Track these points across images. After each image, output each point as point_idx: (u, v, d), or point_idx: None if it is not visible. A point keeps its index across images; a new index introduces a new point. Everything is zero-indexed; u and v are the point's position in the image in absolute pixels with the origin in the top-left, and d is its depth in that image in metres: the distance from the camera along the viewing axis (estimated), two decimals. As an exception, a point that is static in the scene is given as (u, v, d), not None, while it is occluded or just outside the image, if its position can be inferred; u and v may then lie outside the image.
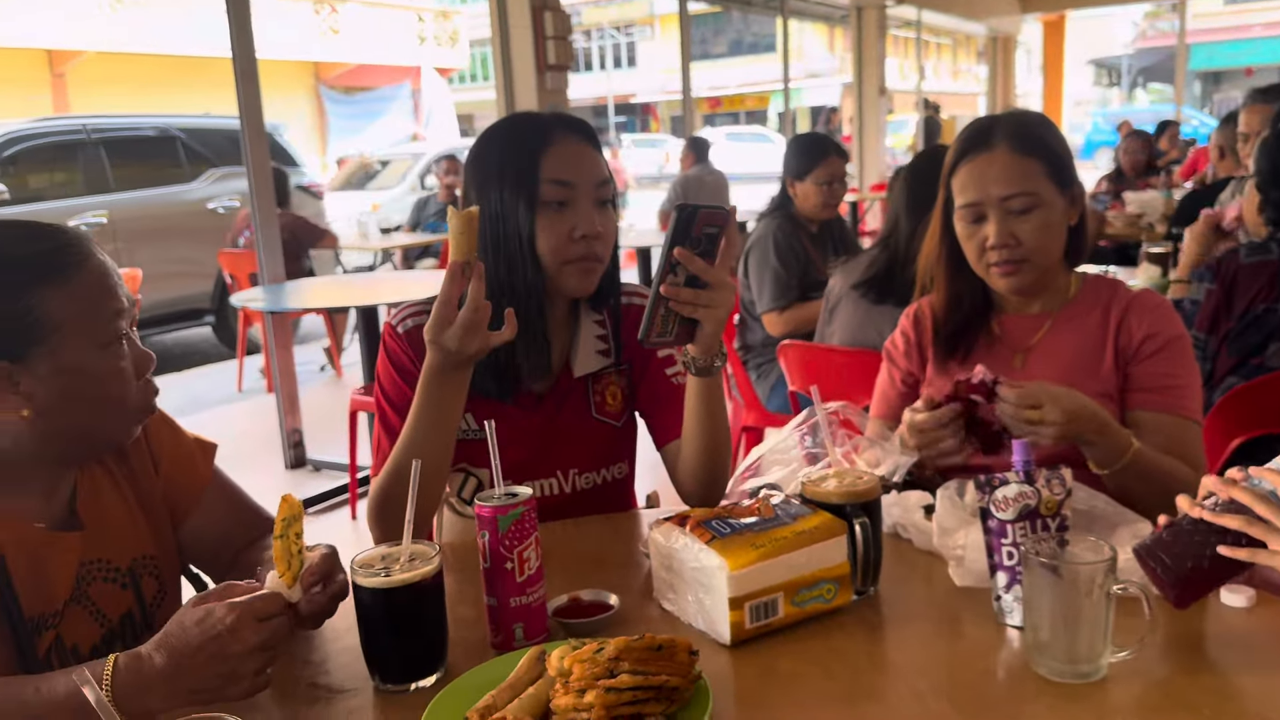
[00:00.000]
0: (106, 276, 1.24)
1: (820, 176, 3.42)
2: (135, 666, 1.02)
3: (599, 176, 1.54)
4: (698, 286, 1.35)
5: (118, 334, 1.23)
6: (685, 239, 1.32)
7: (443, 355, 1.36)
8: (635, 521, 1.61)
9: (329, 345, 6.77)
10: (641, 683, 0.95)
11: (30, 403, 1.19)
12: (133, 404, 1.27)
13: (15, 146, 7.16)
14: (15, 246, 1.21)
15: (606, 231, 1.54)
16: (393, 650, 1.13)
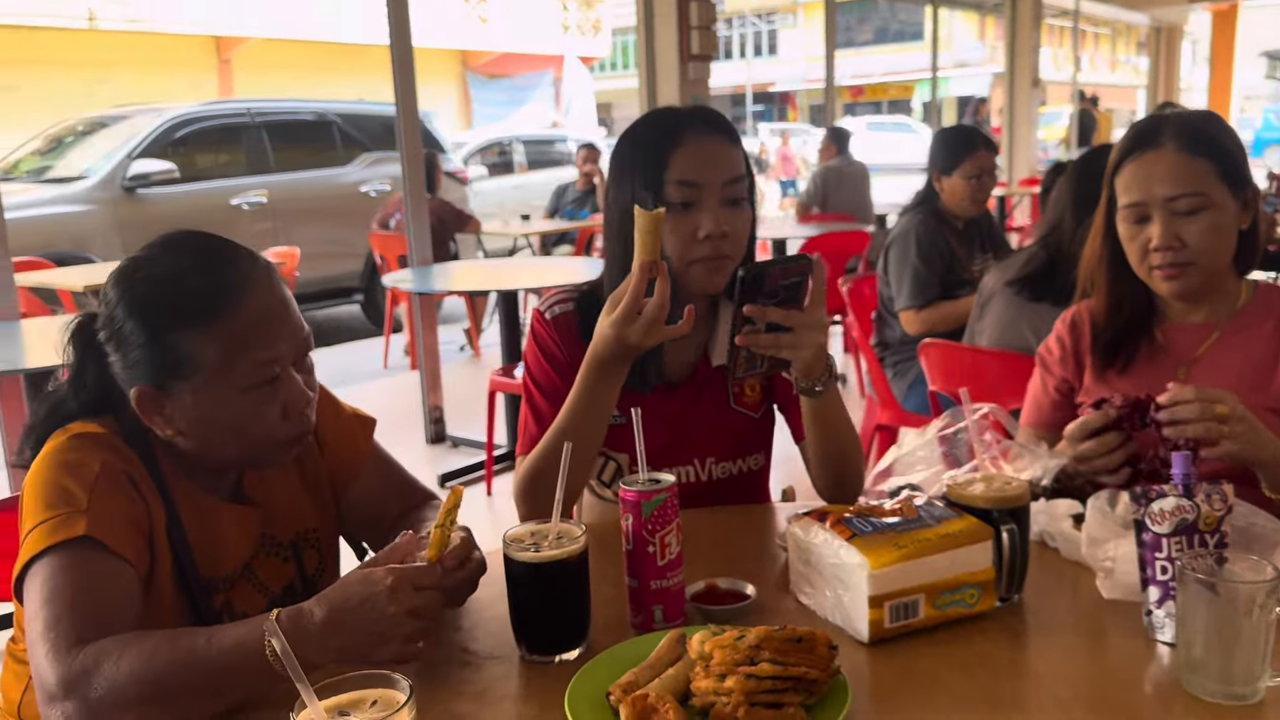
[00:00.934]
0: (261, 323, 1.24)
1: (968, 170, 3.33)
2: (296, 619, 1.08)
3: (729, 174, 1.53)
4: (782, 329, 1.36)
5: (263, 379, 1.24)
6: (757, 295, 1.34)
7: (620, 347, 1.39)
8: (770, 514, 1.62)
9: (469, 326, 6.98)
10: (781, 672, 0.97)
11: (174, 425, 1.26)
12: (279, 439, 1.29)
13: (185, 128, 7.63)
14: (178, 281, 1.24)
15: (735, 230, 1.53)
16: (540, 623, 1.18)
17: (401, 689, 0.86)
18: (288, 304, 1.28)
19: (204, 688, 1.07)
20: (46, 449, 1.25)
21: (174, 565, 1.28)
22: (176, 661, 1.06)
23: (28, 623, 1.14)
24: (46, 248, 6.14)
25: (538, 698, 1.10)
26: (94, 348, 1.29)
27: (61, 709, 1.07)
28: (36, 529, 1.17)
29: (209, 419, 1.25)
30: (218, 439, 1.27)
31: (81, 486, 1.20)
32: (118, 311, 1.25)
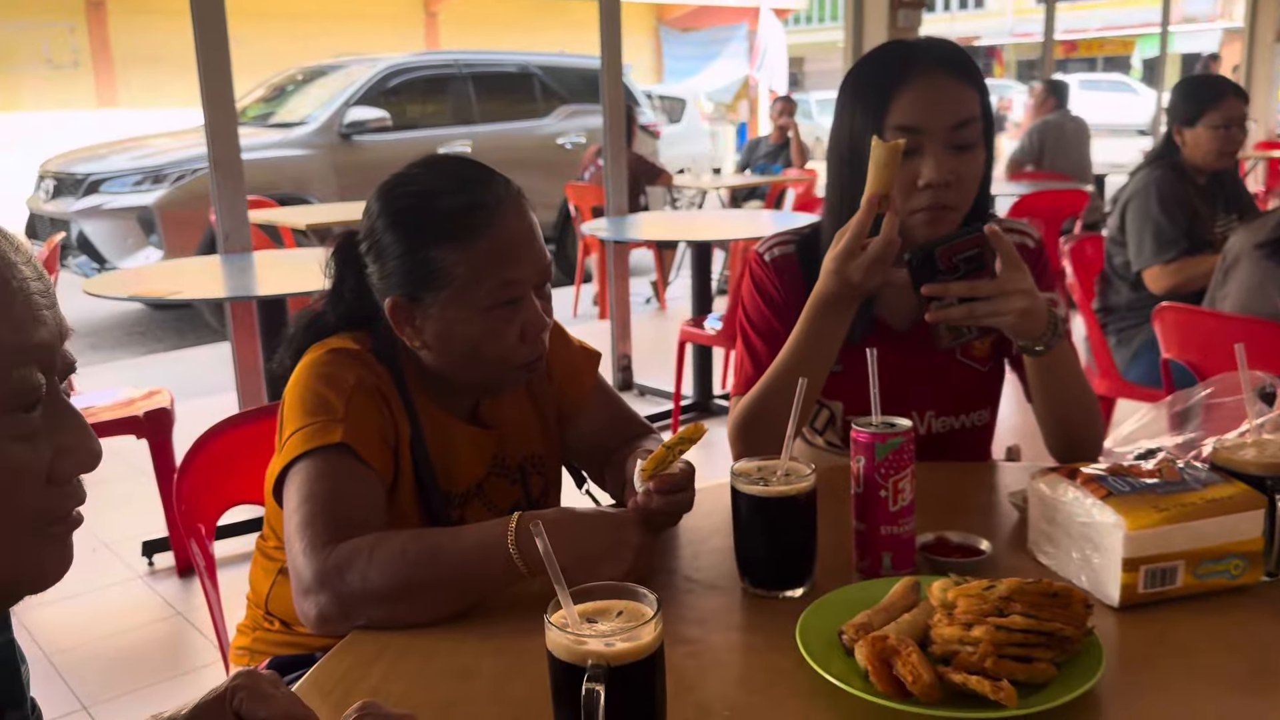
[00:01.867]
0: (510, 245, 1.28)
1: (1215, 120, 3.05)
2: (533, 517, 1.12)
3: (958, 117, 1.43)
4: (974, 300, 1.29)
5: (505, 299, 1.28)
6: (933, 275, 1.27)
7: (840, 286, 1.35)
8: (997, 472, 1.55)
9: (655, 279, 7.03)
10: (1035, 626, 0.92)
11: (421, 337, 1.32)
12: (514, 361, 1.32)
13: (397, 78, 7.97)
14: (438, 198, 1.29)
15: (961, 177, 1.43)
16: (765, 557, 1.17)
17: (649, 604, 0.86)
18: (535, 230, 1.32)
19: (447, 584, 1.13)
20: (306, 360, 1.33)
21: (415, 479, 1.34)
22: (423, 558, 1.13)
23: (285, 520, 1.22)
24: (270, 189, 6.57)
25: (763, 629, 1.10)
26: (354, 261, 1.36)
27: (315, 601, 1.14)
28: (297, 434, 1.25)
29: (452, 334, 1.30)
30: (458, 355, 1.32)
31: (339, 397, 1.27)
32: (379, 224, 1.31)
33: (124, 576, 3.18)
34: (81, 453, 0.70)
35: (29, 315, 0.67)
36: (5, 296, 0.66)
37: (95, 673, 2.65)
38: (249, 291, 3.38)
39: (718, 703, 0.96)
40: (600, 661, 0.81)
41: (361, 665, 1.06)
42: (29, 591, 0.71)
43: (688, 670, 1.02)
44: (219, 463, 1.67)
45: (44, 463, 0.68)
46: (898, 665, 0.91)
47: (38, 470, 0.68)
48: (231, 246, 3.76)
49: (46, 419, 0.69)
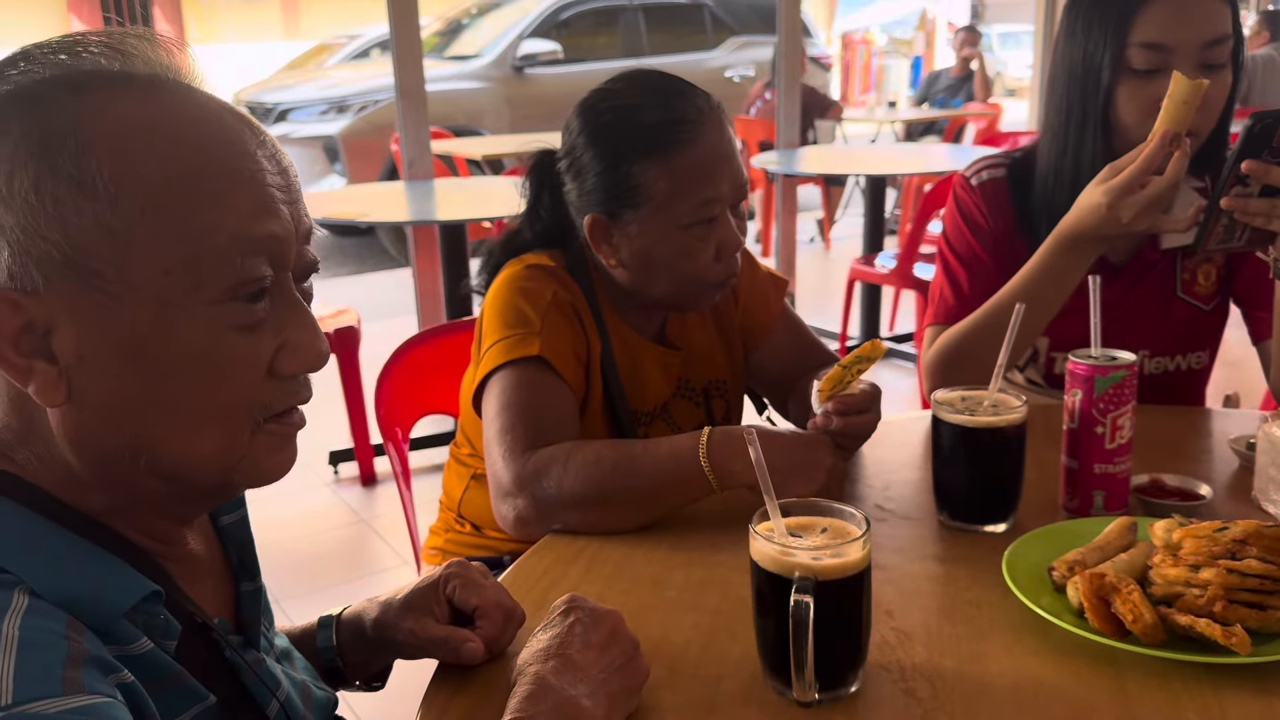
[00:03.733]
0: (711, 161, 1.26)
1: None
2: (726, 437, 1.14)
3: (1209, 34, 1.32)
4: (1277, 195, 1.17)
5: (703, 218, 1.27)
6: (1262, 150, 1.15)
7: (1105, 222, 1.26)
8: (1214, 418, 1.45)
9: (821, 217, 6.89)
10: (1272, 572, 0.86)
11: (617, 255, 1.32)
12: (709, 279, 1.31)
13: (569, 10, 7.98)
14: (640, 112, 1.28)
15: (1210, 100, 1.31)
16: (968, 490, 1.13)
17: (857, 523, 0.85)
18: (734, 146, 1.30)
19: (640, 493, 1.14)
20: (504, 274, 1.36)
21: (605, 396, 1.36)
22: (618, 467, 1.14)
23: (486, 425, 1.26)
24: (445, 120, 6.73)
25: (964, 561, 1.07)
26: (551, 179, 1.37)
27: (513, 504, 1.18)
28: (496, 345, 1.28)
29: (649, 251, 1.30)
30: (654, 272, 1.32)
31: (536, 311, 1.29)
32: (579, 140, 1.31)
33: (312, 484, 3.39)
34: (307, 351, 0.70)
35: (261, 206, 0.67)
36: (236, 185, 0.66)
37: (286, 570, 2.84)
38: (431, 216, 3.49)
39: (920, 629, 0.95)
40: (808, 575, 0.80)
41: (559, 566, 1.10)
42: (245, 486, 0.73)
43: (886, 595, 1.00)
44: (413, 374, 1.74)
45: (265, 355, 0.69)
46: (1116, 603, 0.87)
47: (257, 362, 0.68)
48: (415, 173, 3.89)
49: (274, 313, 0.69)
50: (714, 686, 0.88)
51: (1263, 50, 6.23)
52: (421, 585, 0.96)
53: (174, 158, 0.65)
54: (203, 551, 0.79)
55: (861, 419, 1.23)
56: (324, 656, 0.97)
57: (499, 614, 0.92)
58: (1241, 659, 0.83)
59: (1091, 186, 1.27)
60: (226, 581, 0.81)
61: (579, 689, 0.77)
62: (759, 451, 0.87)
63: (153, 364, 0.65)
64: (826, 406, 1.19)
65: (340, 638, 0.97)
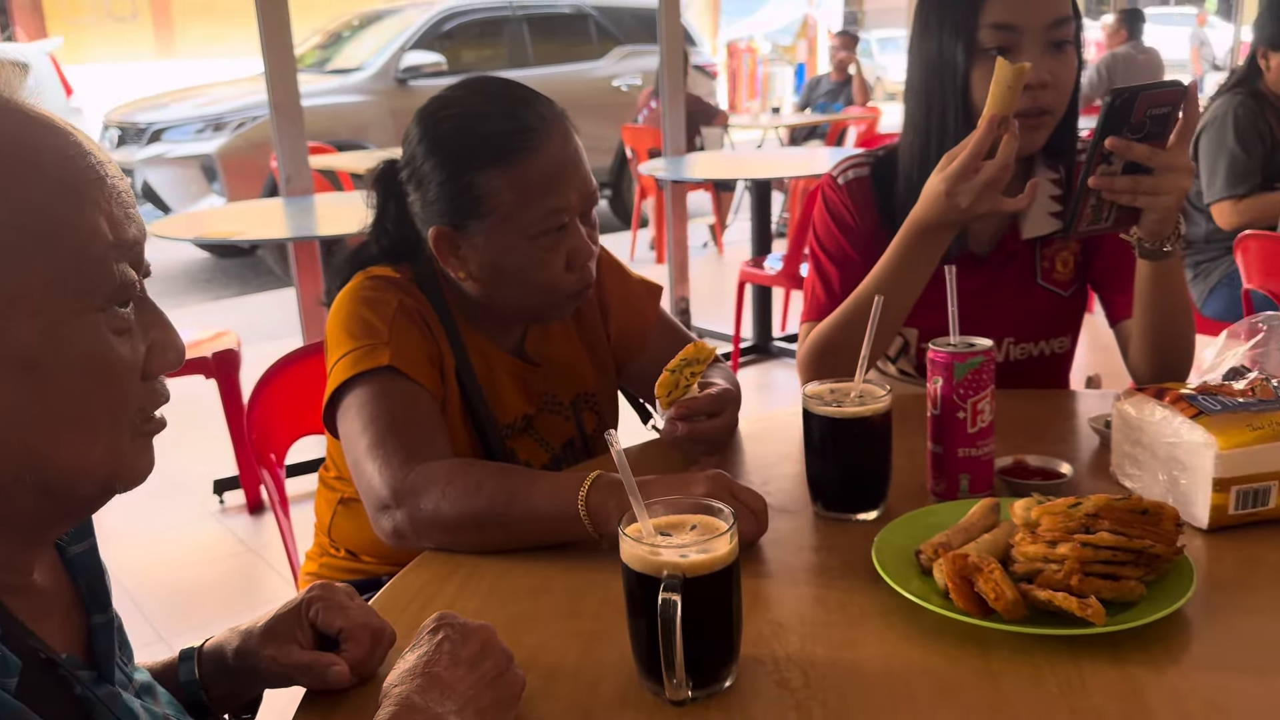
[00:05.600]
0: (556, 169, 1.23)
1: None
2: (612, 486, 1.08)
3: (1055, 14, 1.37)
4: (1140, 172, 1.21)
5: (552, 227, 1.24)
6: (1123, 126, 1.19)
7: (946, 210, 1.28)
8: (1076, 399, 1.51)
9: (713, 222, 6.96)
10: (1123, 543, 0.89)
11: (466, 268, 1.29)
12: (561, 290, 1.29)
13: (452, 22, 7.91)
14: (481, 121, 1.25)
15: (1058, 79, 1.37)
16: (839, 480, 1.15)
17: (724, 518, 0.85)
18: (580, 154, 1.28)
19: (515, 528, 1.10)
20: (348, 287, 1.32)
21: (464, 406, 1.33)
22: (497, 500, 1.10)
23: (350, 444, 1.22)
24: (328, 135, 6.59)
25: (839, 550, 1.08)
26: (395, 189, 1.34)
27: (391, 517, 1.14)
28: (344, 359, 1.24)
29: (498, 263, 1.27)
30: (505, 284, 1.29)
31: (382, 320, 1.26)
32: (419, 150, 1.28)
33: (196, 514, 3.26)
34: (169, 348, 0.72)
35: (123, 211, 0.69)
36: (106, 194, 0.67)
37: (171, 606, 2.73)
38: (311, 232, 3.40)
39: (794, 620, 0.95)
40: (676, 572, 0.80)
41: (436, 582, 1.07)
42: (123, 488, 0.72)
43: (763, 589, 1.01)
44: (287, 394, 1.69)
45: (139, 358, 0.70)
46: (979, 582, 0.89)
47: (135, 365, 0.69)
48: (293, 189, 3.79)
49: (139, 316, 0.70)
50: (591, 692, 0.87)
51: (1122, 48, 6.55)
52: (283, 611, 0.92)
53: (50, 167, 0.65)
54: (50, 584, 0.75)
55: (710, 424, 1.22)
56: (188, 690, 0.93)
57: (366, 635, 0.89)
58: (1098, 629, 0.85)
59: (933, 175, 1.30)
60: (77, 614, 0.77)
61: (446, 705, 0.75)
62: (620, 454, 0.86)
63: (43, 377, 0.64)
64: (669, 413, 1.19)
65: (203, 670, 0.93)
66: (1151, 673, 0.83)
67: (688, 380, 1.21)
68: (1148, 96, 1.19)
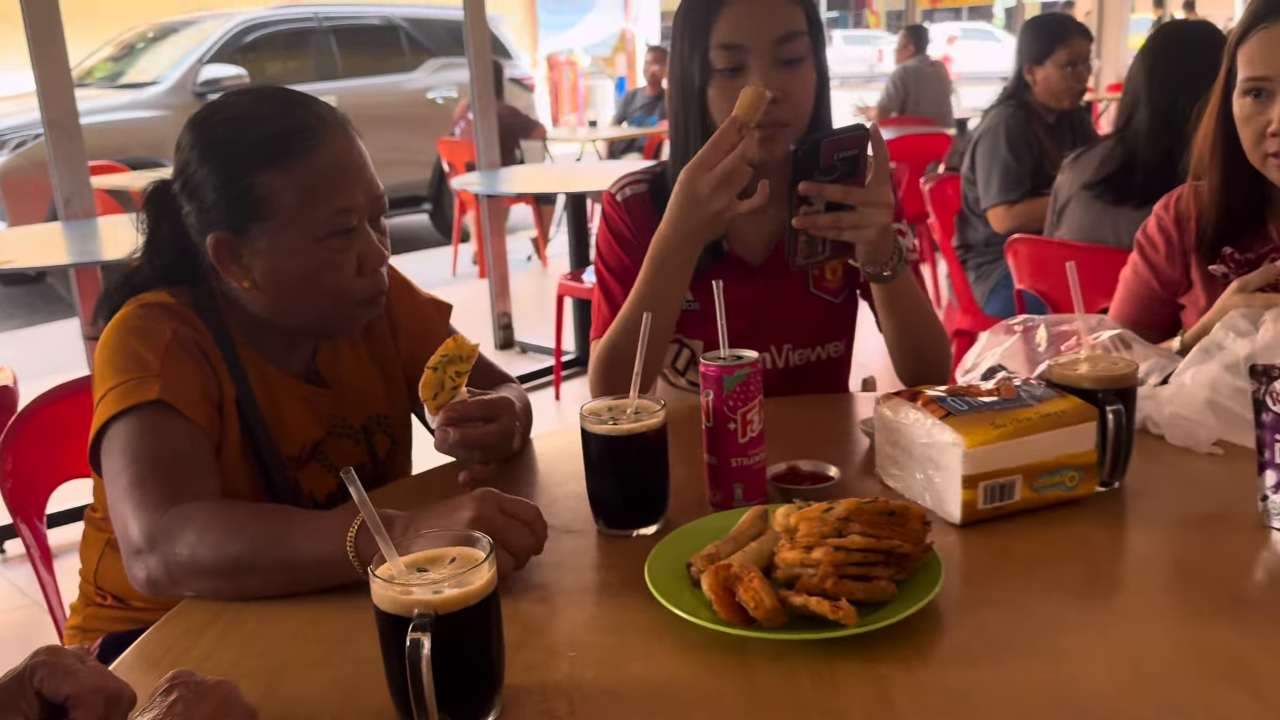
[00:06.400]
0: (340, 168, 1.21)
1: (1062, 58, 3.14)
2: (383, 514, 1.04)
3: (780, 32, 1.42)
4: (843, 208, 1.29)
5: (340, 228, 1.21)
6: (812, 171, 1.27)
7: (687, 199, 1.32)
8: (851, 403, 1.57)
9: (535, 236, 6.95)
10: (872, 544, 0.93)
11: (250, 276, 1.24)
12: (353, 296, 1.25)
13: (254, 33, 7.61)
14: (256, 123, 1.21)
15: (791, 93, 1.43)
16: (617, 497, 1.15)
17: (482, 547, 0.83)
18: (365, 157, 1.25)
19: (279, 572, 1.04)
20: (118, 316, 1.24)
21: (244, 439, 1.27)
22: (259, 541, 1.04)
23: (109, 483, 1.14)
24: (121, 153, 6.21)
25: (618, 568, 1.08)
26: (168, 207, 1.27)
27: (144, 563, 1.07)
28: (111, 393, 1.17)
29: (283, 269, 1.22)
30: (292, 292, 1.24)
31: (153, 352, 1.19)
32: (192, 156, 1.22)
33: (-28, 566, 3.00)
34: None
35: None
36: None
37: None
38: (95, 257, 3.18)
39: (564, 645, 0.94)
40: (427, 610, 0.78)
41: (192, 633, 1.01)
42: None
43: (537, 616, 1.00)
44: (49, 436, 1.56)
45: None
46: (740, 592, 0.91)
47: None
48: (73, 212, 3.54)
49: None
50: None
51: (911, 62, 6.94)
52: (4, 681, 0.84)
53: None
54: None
55: (484, 429, 1.21)
56: None
57: (99, 700, 0.82)
58: (850, 630, 0.88)
59: (681, 172, 1.35)
60: None
61: None
62: (360, 491, 0.83)
63: None
64: (439, 419, 1.18)
65: None
66: (900, 670, 0.87)
67: (454, 381, 1.19)
68: (830, 143, 1.27)
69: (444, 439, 1.19)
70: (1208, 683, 0.82)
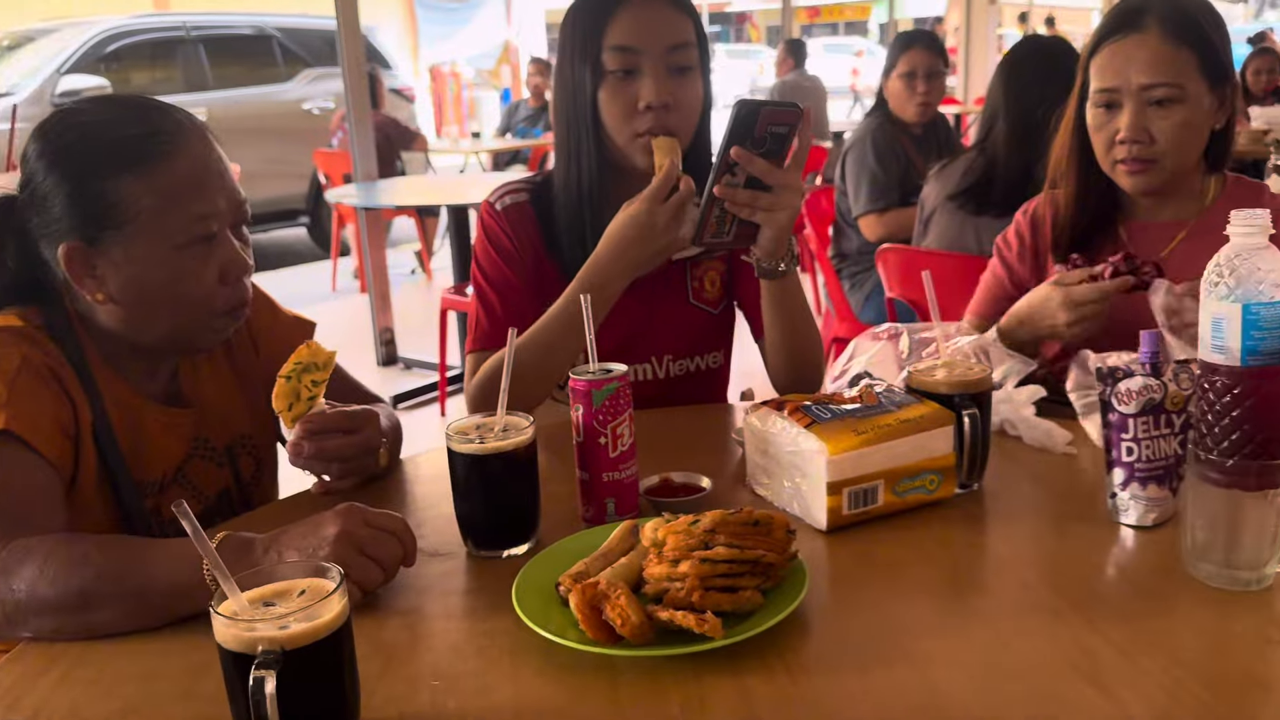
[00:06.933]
0: (199, 174, 1.17)
1: (902, 69, 3.27)
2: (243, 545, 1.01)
3: (674, 40, 1.44)
4: (759, 188, 1.30)
5: (200, 235, 1.17)
6: (746, 138, 1.28)
7: (643, 233, 1.35)
8: (728, 413, 1.58)
9: (419, 249, 6.84)
10: (737, 555, 0.93)
11: (105, 288, 1.18)
12: (215, 306, 1.21)
13: (117, 42, 7.29)
14: (109, 128, 1.17)
15: (681, 101, 1.44)
16: (485, 517, 1.13)
17: (331, 577, 0.80)
18: (225, 164, 1.22)
19: (128, 602, 0.99)
20: None
21: (100, 467, 1.21)
22: (105, 572, 0.99)
23: None
24: (-28, 167, 5.86)
25: (487, 590, 1.06)
26: (14, 222, 1.20)
27: None
28: None
29: (141, 279, 1.17)
30: (151, 304, 1.19)
31: (1, 380, 1.12)
32: (39, 166, 1.16)
33: None
34: None
35: None
36: None
37: None
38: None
39: (428, 673, 0.91)
40: (273, 647, 0.74)
41: (29, 678, 0.94)
42: None
43: (401, 644, 0.96)
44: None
45: None
46: (607, 610, 0.89)
47: None
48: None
49: None
50: (197, 785, 0.79)
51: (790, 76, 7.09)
52: None
53: None
54: None
55: (340, 441, 1.18)
56: None
57: None
58: (716, 643, 0.88)
59: (623, 208, 1.38)
60: None
61: None
62: (194, 524, 0.79)
63: None
64: (295, 431, 1.14)
65: None
66: (765, 681, 0.87)
67: (310, 390, 1.15)
68: (769, 112, 1.27)
69: (298, 451, 1.15)
70: (1060, 681, 0.85)
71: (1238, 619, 0.93)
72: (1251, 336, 0.94)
